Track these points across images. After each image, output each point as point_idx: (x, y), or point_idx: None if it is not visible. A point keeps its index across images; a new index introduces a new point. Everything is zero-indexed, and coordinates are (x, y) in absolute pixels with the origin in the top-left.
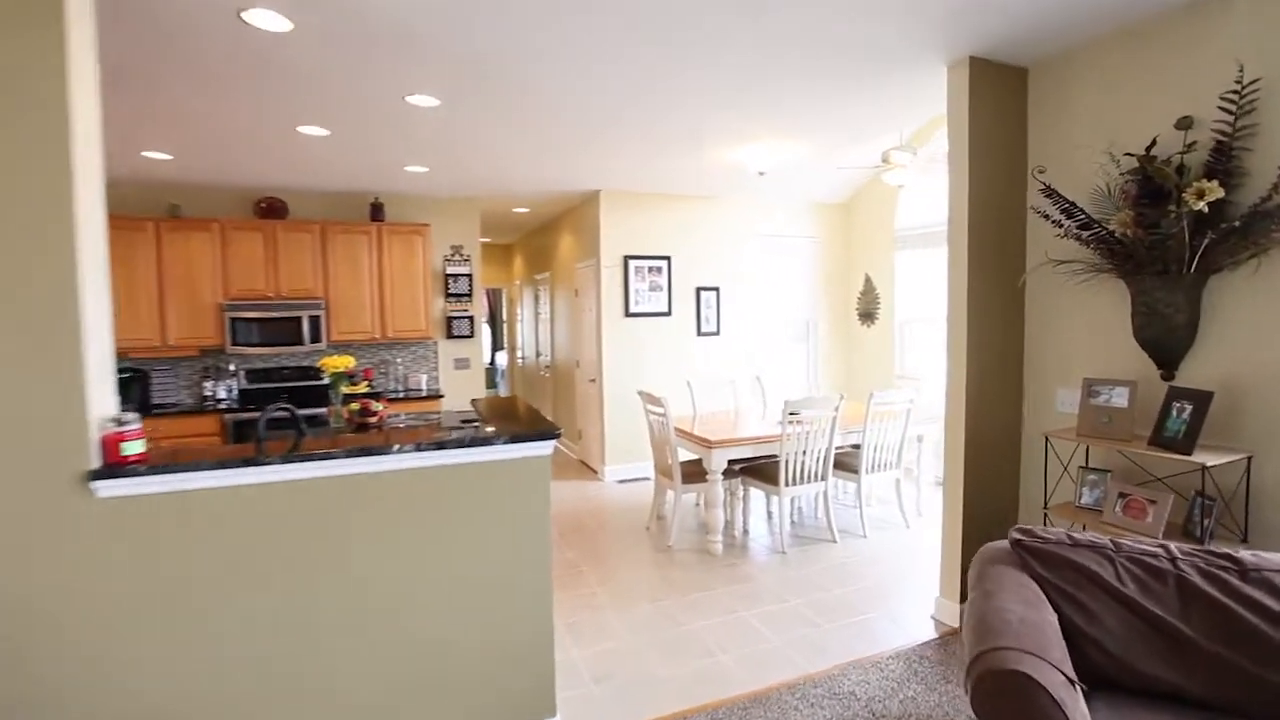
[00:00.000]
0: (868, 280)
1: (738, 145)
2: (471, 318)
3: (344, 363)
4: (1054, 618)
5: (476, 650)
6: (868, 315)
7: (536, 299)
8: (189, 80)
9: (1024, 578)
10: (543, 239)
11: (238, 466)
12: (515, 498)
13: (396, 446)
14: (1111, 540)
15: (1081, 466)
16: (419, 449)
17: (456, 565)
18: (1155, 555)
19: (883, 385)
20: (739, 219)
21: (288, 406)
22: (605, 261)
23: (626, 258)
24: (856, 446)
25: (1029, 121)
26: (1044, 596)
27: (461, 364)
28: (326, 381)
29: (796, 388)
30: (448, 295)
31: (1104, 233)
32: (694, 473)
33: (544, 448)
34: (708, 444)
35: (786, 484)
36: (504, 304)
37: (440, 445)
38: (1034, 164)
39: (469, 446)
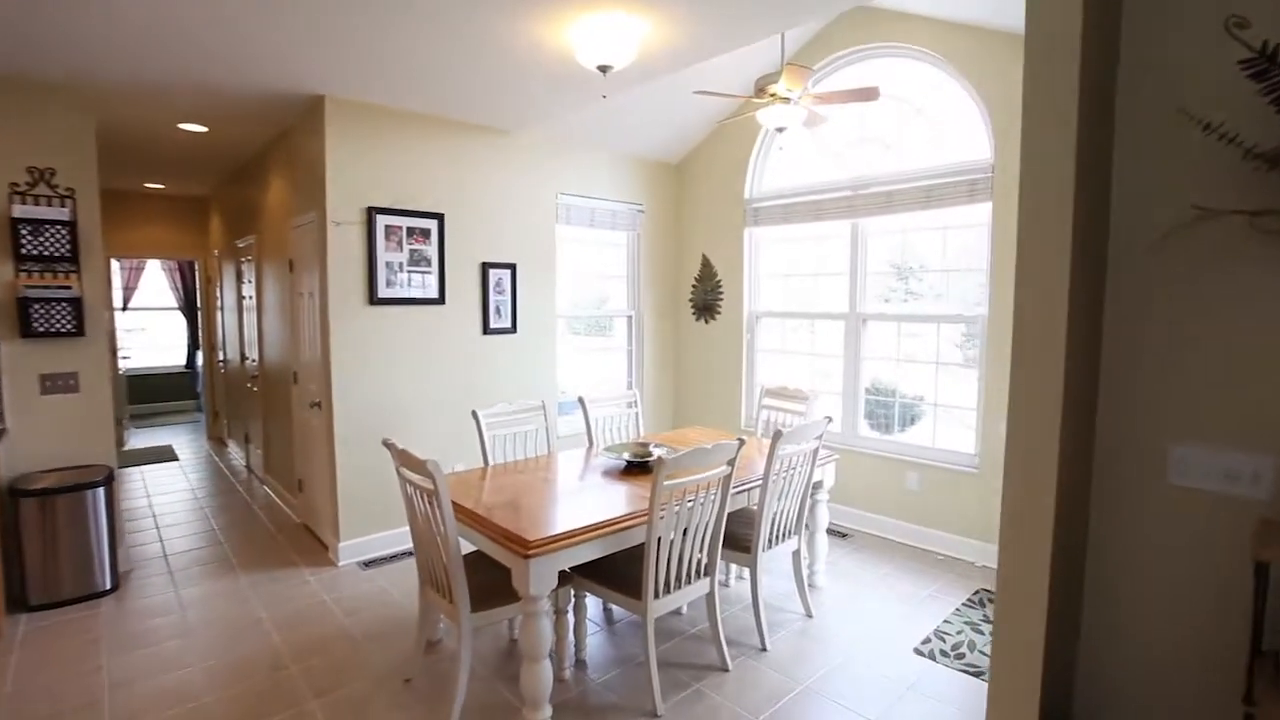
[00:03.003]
0: (706, 263)
1: (569, 12)
2: (79, 300)
3: None
4: None
5: None
6: (706, 309)
7: (239, 275)
8: None
9: None
10: (246, 187)
11: None
12: None
13: None
14: None
15: None
16: None
17: None
18: None
19: (727, 401)
20: (542, 169)
21: None
22: (335, 214)
23: (372, 211)
24: (740, 510)
25: None
26: None
27: (58, 384)
28: None
29: (615, 409)
30: (20, 259)
31: None
32: (491, 586)
33: None
34: (523, 547)
35: (657, 594)
36: (199, 283)
37: None
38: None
39: None
